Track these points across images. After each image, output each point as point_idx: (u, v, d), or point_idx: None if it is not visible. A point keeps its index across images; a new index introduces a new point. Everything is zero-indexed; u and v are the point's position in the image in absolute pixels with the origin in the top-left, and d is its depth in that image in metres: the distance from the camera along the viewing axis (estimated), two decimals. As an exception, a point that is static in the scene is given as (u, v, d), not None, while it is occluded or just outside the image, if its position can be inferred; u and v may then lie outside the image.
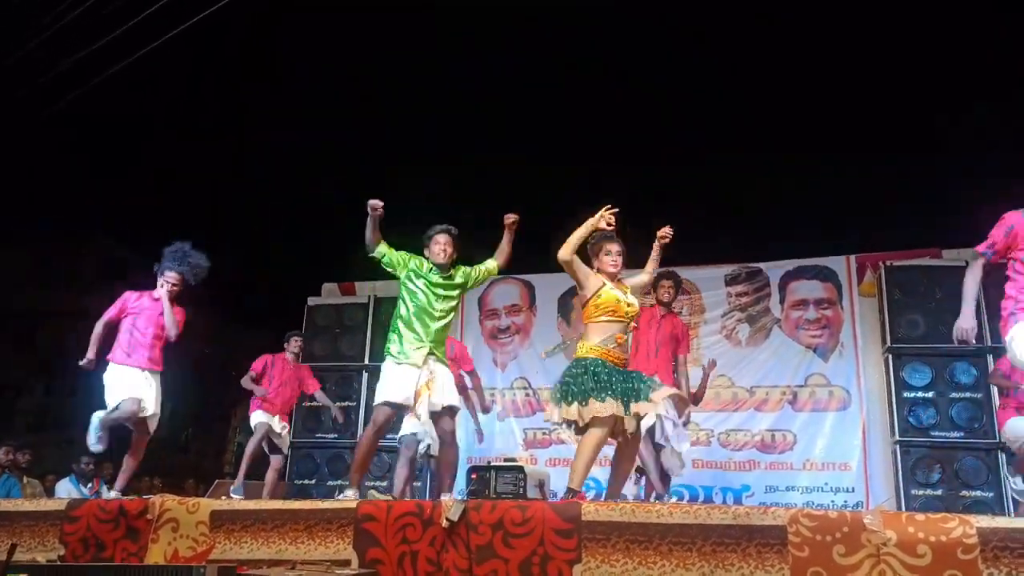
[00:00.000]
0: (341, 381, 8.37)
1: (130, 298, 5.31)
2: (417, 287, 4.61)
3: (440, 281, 4.63)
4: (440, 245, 4.64)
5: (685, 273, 8.43)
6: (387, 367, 4.55)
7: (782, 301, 8.11)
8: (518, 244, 4.80)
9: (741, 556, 3.03)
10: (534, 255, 5.02)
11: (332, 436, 8.11)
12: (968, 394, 6.65)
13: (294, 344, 7.33)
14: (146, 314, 5.24)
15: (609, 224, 4.37)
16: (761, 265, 8.30)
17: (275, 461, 7.10)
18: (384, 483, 6.54)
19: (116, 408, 5.03)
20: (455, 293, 4.71)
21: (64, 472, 8.14)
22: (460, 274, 4.75)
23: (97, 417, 5.04)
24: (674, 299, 5.97)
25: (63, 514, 3.96)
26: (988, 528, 2.85)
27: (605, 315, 4.22)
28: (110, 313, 5.25)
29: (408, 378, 4.42)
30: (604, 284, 4.30)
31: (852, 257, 7.97)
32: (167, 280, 5.31)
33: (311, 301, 8.93)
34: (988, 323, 6.83)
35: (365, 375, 8.35)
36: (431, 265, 4.66)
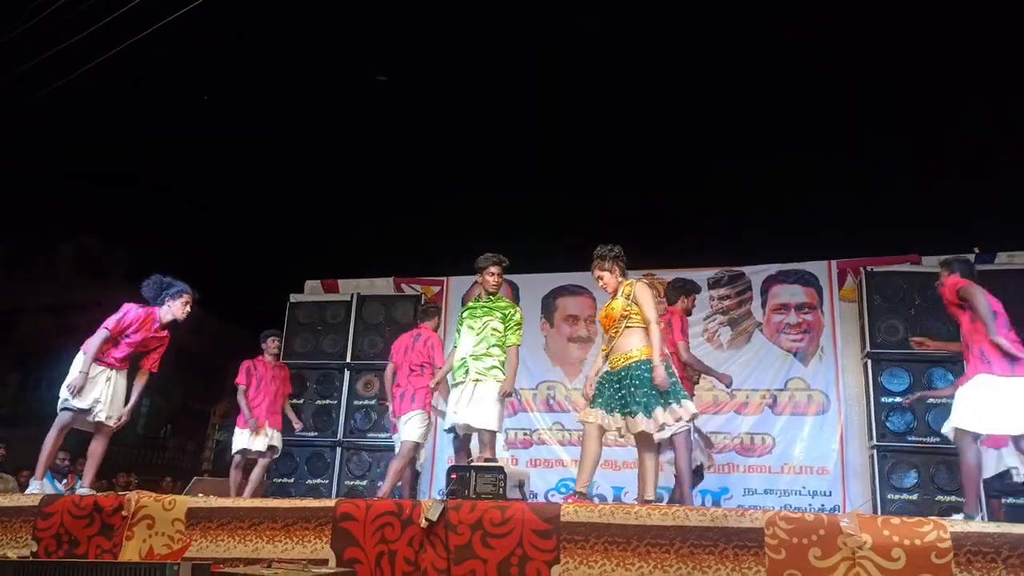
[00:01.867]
0: (323, 379, 8.33)
1: (136, 313, 5.17)
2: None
3: None
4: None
5: (668, 276, 8.48)
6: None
7: (764, 305, 8.17)
8: (501, 244, 4.87)
9: (718, 558, 3.04)
10: (518, 254, 5.02)
11: (312, 435, 8.06)
12: (946, 400, 6.70)
13: (272, 344, 7.14)
14: (145, 328, 5.17)
15: None
16: (743, 269, 8.36)
17: (261, 460, 6.96)
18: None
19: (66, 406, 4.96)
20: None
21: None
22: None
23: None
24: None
25: (36, 510, 3.91)
26: (962, 532, 2.88)
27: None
28: (111, 324, 5.09)
29: None
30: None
31: (833, 262, 8.04)
32: (186, 301, 5.25)
33: (293, 298, 8.88)
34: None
35: (347, 373, 8.31)
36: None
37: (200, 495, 4.12)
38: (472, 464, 3.85)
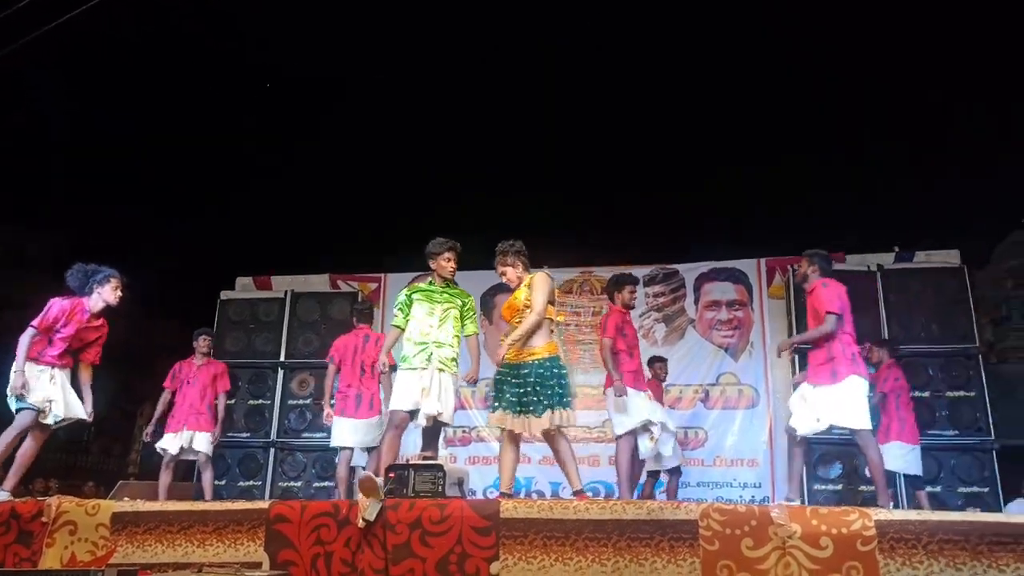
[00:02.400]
0: (255, 379, 8.14)
1: (61, 306, 4.92)
2: None
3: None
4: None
5: (606, 272, 8.60)
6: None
7: (696, 302, 8.36)
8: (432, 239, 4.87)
9: (654, 550, 3.09)
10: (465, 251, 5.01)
11: (244, 435, 7.88)
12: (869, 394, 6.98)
13: (201, 343, 6.82)
14: (75, 320, 4.93)
15: None
16: (677, 266, 8.53)
17: (199, 464, 6.67)
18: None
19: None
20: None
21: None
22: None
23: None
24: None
25: (-53, 519, 3.70)
26: (885, 520, 3.00)
27: None
28: (37, 322, 4.84)
29: None
30: None
31: (762, 260, 8.29)
32: (116, 285, 5.02)
33: (224, 295, 8.65)
34: (888, 327, 7.24)
35: (280, 372, 8.15)
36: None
37: (126, 499, 3.97)
38: (410, 463, 3.82)
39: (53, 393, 4.79)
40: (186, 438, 6.42)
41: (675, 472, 6.62)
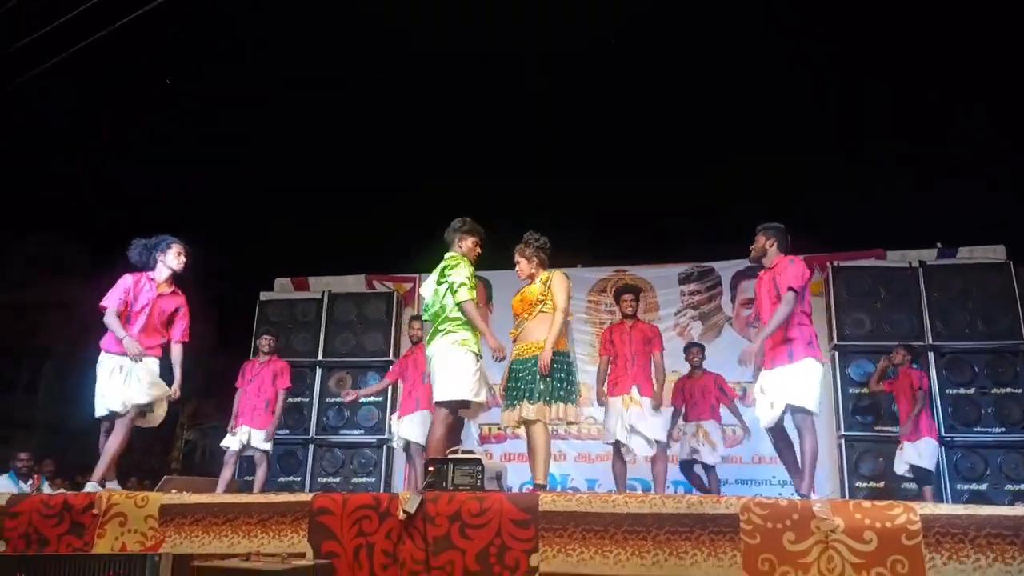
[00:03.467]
0: (294, 378, 8.25)
1: (125, 280, 4.81)
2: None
3: None
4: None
5: (640, 272, 8.59)
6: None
7: (733, 299, 8.28)
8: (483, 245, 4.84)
9: (694, 544, 3.08)
10: (492, 251, 5.02)
11: (284, 432, 7.99)
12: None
13: (263, 342, 7.01)
14: (144, 293, 4.83)
15: None
16: (713, 264, 8.47)
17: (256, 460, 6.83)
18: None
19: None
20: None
21: (2, 470, 7.87)
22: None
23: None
24: (636, 310, 6.08)
25: (3, 510, 3.82)
26: (931, 515, 2.95)
27: None
28: (110, 300, 4.73)
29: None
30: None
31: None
32: (178, 251, 4.92)
33: (263, 296, 8.80)
34: (931, 323, 7.11)
35: (319, 371, 8.26)
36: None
37: (173, 491, 4.07)
38: (449, 456, 3.85)
39: (115, 386, 4.64)
40: (245, 434, 6.59)
41: (710, 469, 6.61)
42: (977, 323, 7.10)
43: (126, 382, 4.65)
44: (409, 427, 6.23)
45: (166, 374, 4.88)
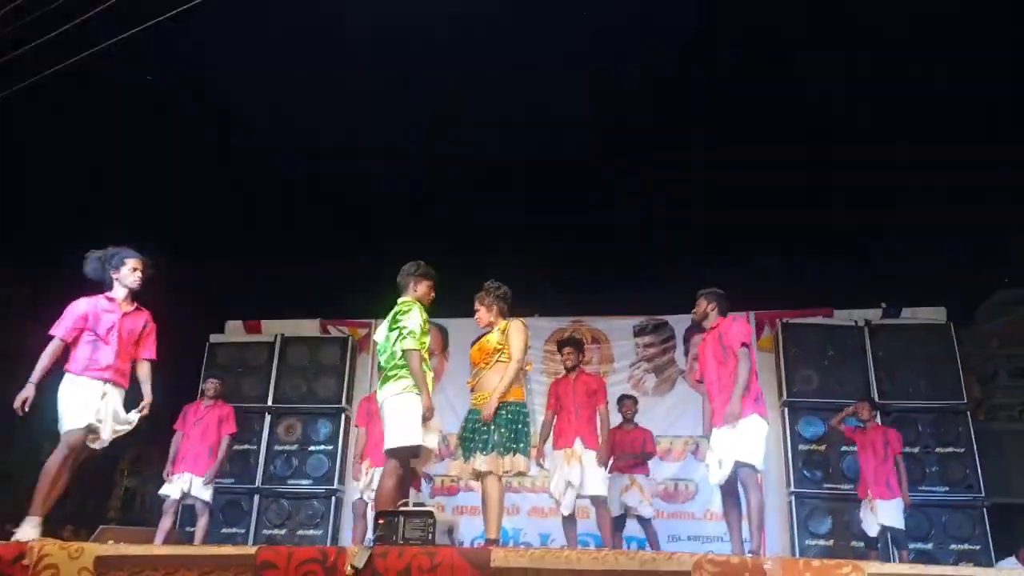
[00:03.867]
0: (241, 424, 8.04)
1: (77, 305, 4.47)
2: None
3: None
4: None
5: (596, 323, 8.66)
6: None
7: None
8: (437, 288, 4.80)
9: (647, 602, 3.05)
10: (449, 298, 5.01)
11: (229, 481, 7.76)
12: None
13: (209, 386, 6.74)
14: (104, 315, 4.50)
15: None
16: (667, 317, 8.59)
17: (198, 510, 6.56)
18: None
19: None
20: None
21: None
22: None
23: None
24: (579, 361, 6.08)
25: (-76, 560, 3.61)
26: (878, 574, 2.98)
27: None
28: (58, 330, 4.40)
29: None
30: None
31: (751, 313, 8.34)
32: (134, 267, 4.55)
33: (213, 339, 8.63)
34: (877, 382, 7.28)
35: (268, 417, 8.08)
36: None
37: (110, 542, 3.90)
38: (400, 509, 3.77)
39: (103, 412, 4.37)
40: (185, 482, 6.34)
41: (646, 523, 6.58)
42: (920, 383, 7.31)
43: (112, 416, 4.41)
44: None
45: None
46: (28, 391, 4.28)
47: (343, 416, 8.02)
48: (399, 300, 4.57)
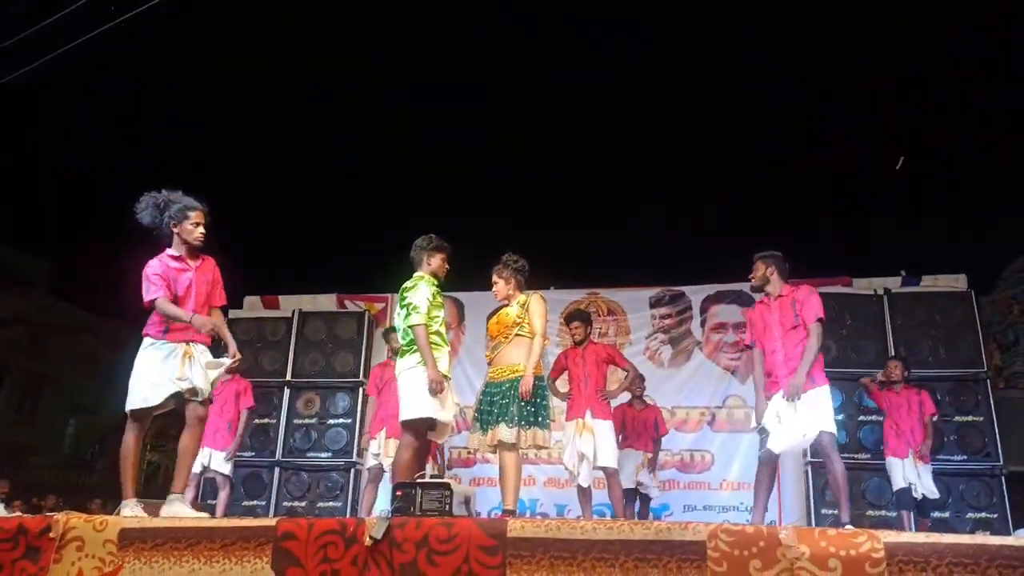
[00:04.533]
0: (261, 398, 8.13)
1: (153, 270, 4.18)
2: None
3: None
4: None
5: (612, 295, 8.64)
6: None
7: (703, 324, 8.36)
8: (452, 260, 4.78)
9: (662, 571, 3.07)
10: (464, 272, 5.02)
11: (249, 454, 7.86)
12: (874, 417, 6.95)
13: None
14: (174, 274, 4.25)
15: None
16: (683, 288, 8.55)
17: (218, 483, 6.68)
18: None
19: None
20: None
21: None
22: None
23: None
24: (587, 335, 6.08)
25: (-45, 533, 3.70)
26: (894, 543, 2.98)
27: None
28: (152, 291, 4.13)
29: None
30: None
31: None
32: (196, 221, 4.24)
33: (232, 314, 8.68)
34: (895, 351, 7.22)
35: (287, 391, 8.16)
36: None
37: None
38: (417, 481, 3.82)
39: (190, 371, 4.13)
40: (205, 456, 6.44)
41: (646, 501, 6.68)
42: (940, 351, 7.23)
43: (186, 367, 4.13)
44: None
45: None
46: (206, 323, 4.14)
47: (361, 390, 8.07)
48: (413, 276, 4.58)
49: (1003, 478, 6.78)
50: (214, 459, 6.47)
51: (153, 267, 4.20)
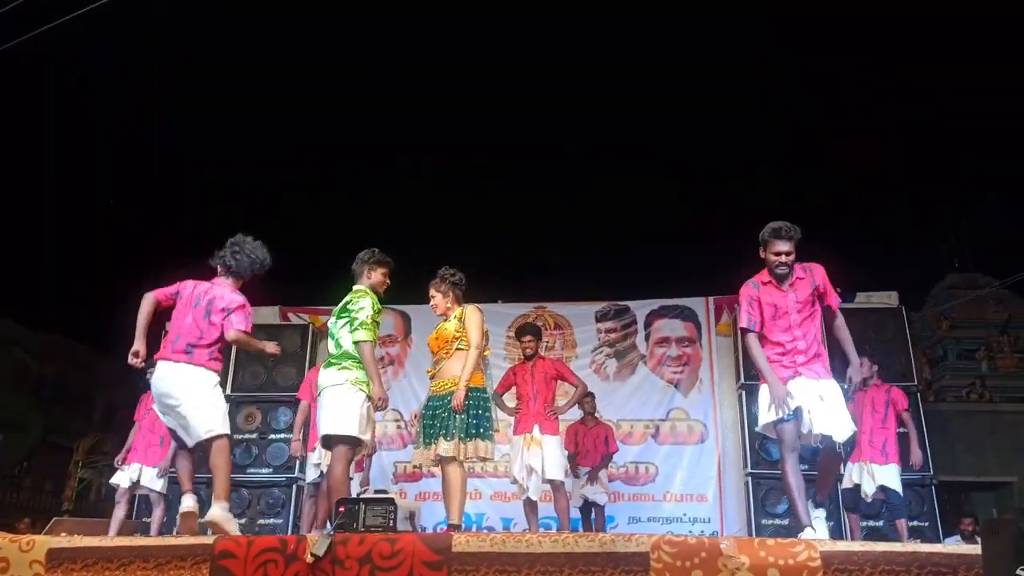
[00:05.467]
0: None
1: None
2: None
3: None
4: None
5: (559, 308, 8.70)
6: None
7: (647, 338, 8.48)
8: (395, 274, 4.75)
9: (606, 583, 3.09)
10: (410, 285, 4.99)
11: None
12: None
13: None
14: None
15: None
16: (628, 303, 8.66)
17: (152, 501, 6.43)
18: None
19: None
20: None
21: None
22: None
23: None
24: (537, 350, 6.07)
25: None
26: (830, 552, 3.06)
27: None
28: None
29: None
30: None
31: (711, 298, 8.46)
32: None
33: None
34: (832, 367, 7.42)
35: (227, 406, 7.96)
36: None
37: (63, 535, 3.82)
38: (361, 496, 3.77)
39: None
40: (135, 471, 6.22)
41: (599, 508, 6.75)
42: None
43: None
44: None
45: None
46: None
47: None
48: (353, 288, 4.54)
49: (933, 488, 7.02)
50: (145, 475, 6.24)
51: (245, 303, 4.52)
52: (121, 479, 6.25)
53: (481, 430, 4.45)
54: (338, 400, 4.28)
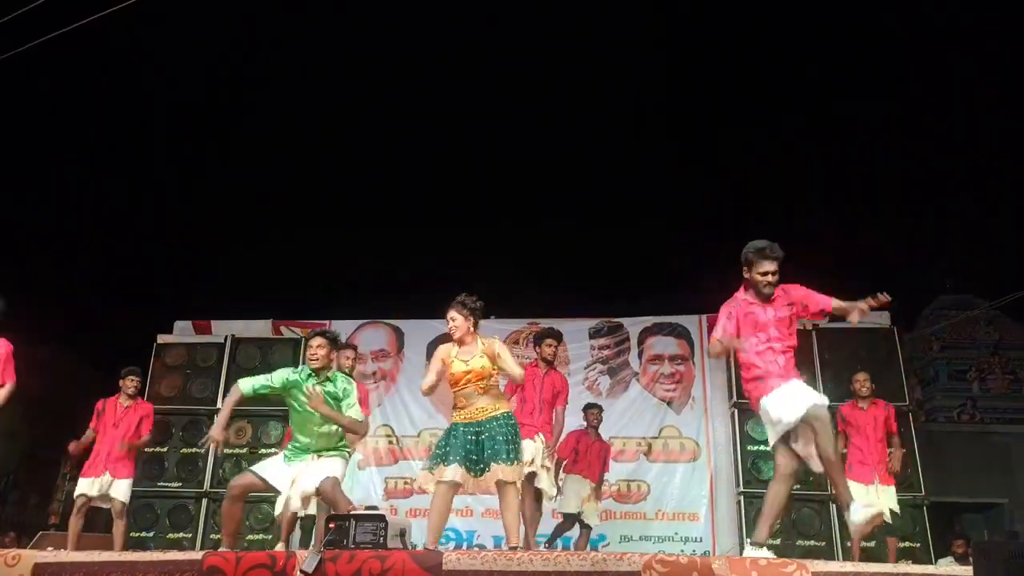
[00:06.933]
0: (189, 426, 7.89)
1: None
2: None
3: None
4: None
5: (552, 325, 8.68)
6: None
7: (640, 355, 8.48)
8: (385, 288, 4.77)
9: (598, 603, 3.07)
10: (404, 299, 4.99)
11: (176, 485, 7.59)
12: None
13: (127, 383, 6.36)
14: None
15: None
16: (622, 320, 8.67)
17: (113, 513, 6.32)
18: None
19: None
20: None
21: None
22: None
23: None
24: (556, 356, 6.02)
25: None
26: (822, 572, 3.06)
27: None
28: None
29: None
30: (444, 361, 4.61)
31: (704, 316, 8.48)
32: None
33: (161, 339, 8.42)
34: (823, 385, 7.44)
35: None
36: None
37: (49, 549, 3.78)
38: (352, 512, 3.74)
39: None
40: (105, 483, 6.11)
41: (586, 528, 6.66)
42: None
43: None
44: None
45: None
46: None
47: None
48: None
49: (925, 508, 7.01)
50: (115, 487, 6.12)
51: None
52: (89, 488, 6.07)
53: (519, 453, 4.46)
54: (330, 467, 4.43)
